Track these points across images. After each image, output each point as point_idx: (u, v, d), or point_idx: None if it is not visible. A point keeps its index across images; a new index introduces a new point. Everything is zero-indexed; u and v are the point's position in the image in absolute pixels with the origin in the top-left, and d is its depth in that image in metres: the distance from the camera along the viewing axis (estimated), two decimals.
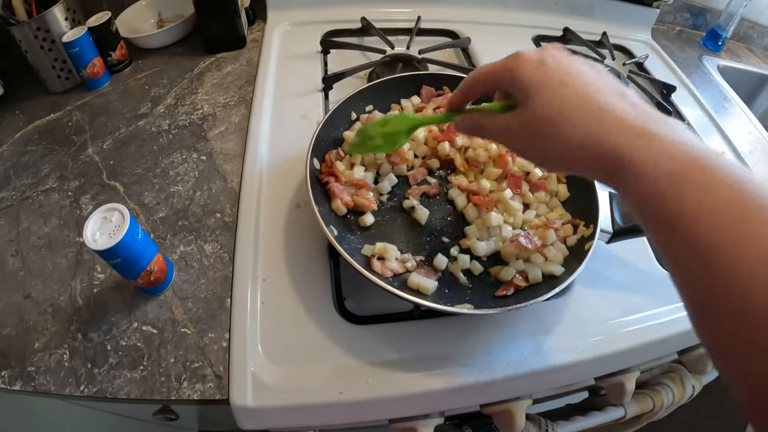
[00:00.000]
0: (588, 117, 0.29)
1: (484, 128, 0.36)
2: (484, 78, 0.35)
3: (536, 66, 0.31)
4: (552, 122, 0.30)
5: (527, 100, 0.31)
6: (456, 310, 0.41)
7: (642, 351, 0.50)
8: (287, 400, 0.41)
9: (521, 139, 0.33)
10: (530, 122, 0.31)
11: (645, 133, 0.27)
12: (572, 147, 0.30)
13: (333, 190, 0.49)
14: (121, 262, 0.42)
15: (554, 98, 0.30)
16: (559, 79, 0.30)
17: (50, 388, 0.43)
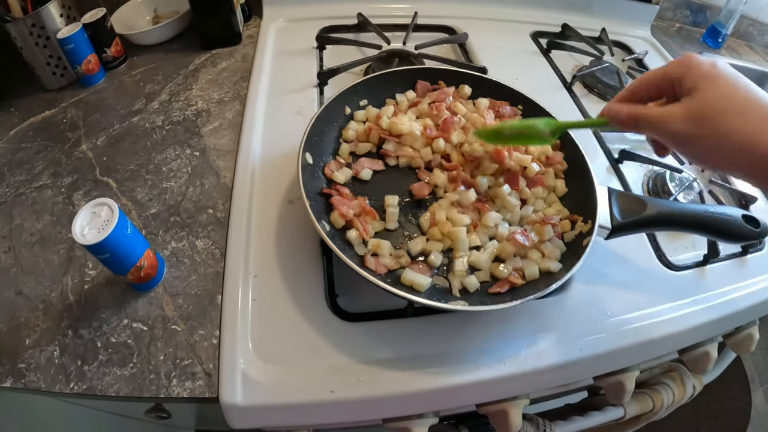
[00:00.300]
0: (760, 115, 0.30)
1: (644, 116, 0.35)
2: (652, 78, 0.36)
3: (710, 64, 0.33)
4: (725, 112, 0.31)
5: (699, 90, 0.32)
6: (449, 306, 0.40)
7: (641, 350, 0.50)
8: (277, 399, 0.40)
9: (685, 127, 0.33)
10: (700, 111, 0.32)
11: None
12: (741, 140, 0.30)
13: (334, 203, 0.48)
14: (110, 257, 0.41)
15: (729, 92, 0.31)
16: (733, 75, 0.32)
17: (40, 386, 0.43)
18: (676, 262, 0.56)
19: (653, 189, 0.64)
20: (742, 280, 0.56)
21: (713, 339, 0.58)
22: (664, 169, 0.65)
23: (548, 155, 0.55)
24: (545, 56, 0.82)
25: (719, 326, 0.55)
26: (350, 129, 0.56)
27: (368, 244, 0.46)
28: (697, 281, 0.55)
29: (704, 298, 0.53)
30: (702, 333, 0.54)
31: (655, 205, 0.47)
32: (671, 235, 0.59)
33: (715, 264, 0.57)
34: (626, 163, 0.66)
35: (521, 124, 0.47)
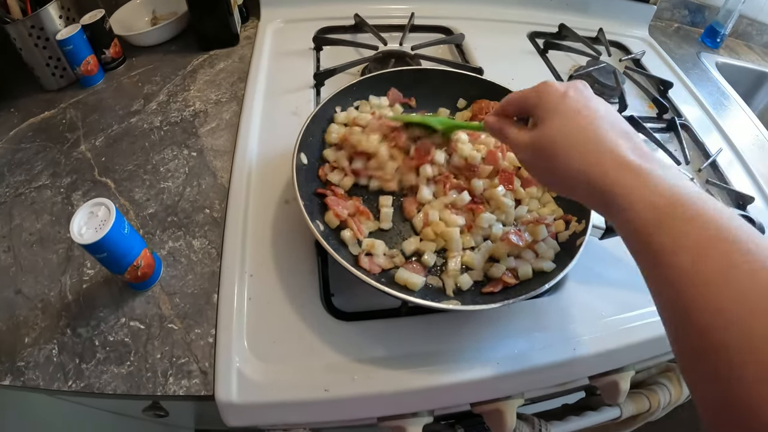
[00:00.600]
0: (590, 148, 0.32)
1: (506, 134, 0.39)
2: (516, 99, 0.39)
3: (559, 95, 0.35)
4: (558, 146, 0.33)
5: (543, 121, 0.35)
6: (443, 306, 0.41)
7: (636, 349, 0.50)
8: (272, 397, 0.41)
9: (529, 154, 0.36)
10: (539, 141, 0.35)
11: (638, 171, 0.30)
12: (571, 173, 0.32)
13: (328, 203, 0.48)
14: (108, 256, 0.42)
15: (565, 125, 0.33)
16: (575, 109, 0.34)
17: (39, 383, 0.43)
18: None
19: None
20: None
21: None
22: None
23: None
24: (542, 56, 0.82)
25: None
26: (332, 132, 0.55)
27: (362, 243, 0.47)
28: None
29: None
30: None
31: None
32: None
33: None
34: None
35: (421, 119, 0.52)
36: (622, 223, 0.30)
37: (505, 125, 0.39)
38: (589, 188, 0.32)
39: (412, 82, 0.61)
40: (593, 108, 0.34)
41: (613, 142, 0.32)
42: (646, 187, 0.29)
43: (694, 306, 0.24)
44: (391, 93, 0.60)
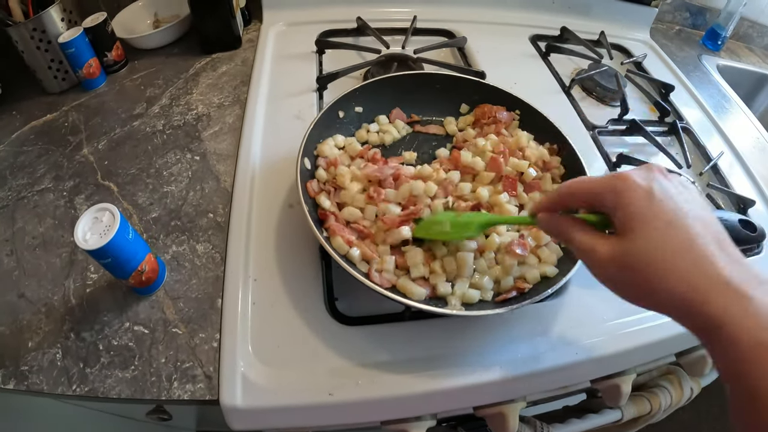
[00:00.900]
0: (690, 267, 0.28)
1: (573, 239, 0.33)
2: (585, 193, 0.33)
3: (645, 197, 0.30)
4: (654, 265, 0.28)
5: (628, 232, 0.30)
6: (446, 311, 0.41)
7: (638, 353, 0.50)
8: (277, 401, 0.41)
9: (613, 270, 0.31)
10: (626, 257, 0.30)
11: (743, 296, 0.27)
12: (667, 295, 0.28)
13: (332, 229, 0.46)
14: (112, 261, 0.42)
15: (659, 239, 0.29)
16: (667, 219, 0.29)
17: (43, 388, 0.43)
18: None
19: None
20: None
21: None
22: None
23: (545, 160, 0.55)
24: (544, 60, 0.82)
25: None
26: (324, 151, 0.53)
27: (374, 262, 0.45)
28: None
29: None
30: None
31: None
32: None
33: None
34: (624, 167, 0.66)
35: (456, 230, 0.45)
36: (723, 355, 0.27)
37: (568, 227, 0.34)
38: (687, 312, 0.28)
39: (414, 86, 0.61)
40: (683, 211, 0.29)
41: (712, 257, 0.28)
42: (755, 320, 0.26)
43: None
44: (394, 113, 0.60)
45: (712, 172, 0.70)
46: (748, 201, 0.65)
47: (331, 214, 0.47)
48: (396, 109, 0.60)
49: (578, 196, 0.34)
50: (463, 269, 0.45)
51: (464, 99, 0.62)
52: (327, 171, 0.52)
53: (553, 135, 0.56)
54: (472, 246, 0.47)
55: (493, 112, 0.58)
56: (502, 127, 0.57)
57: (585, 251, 0.32)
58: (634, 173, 0.31)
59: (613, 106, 0.78)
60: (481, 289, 0.45)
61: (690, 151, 0.71)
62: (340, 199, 0.50)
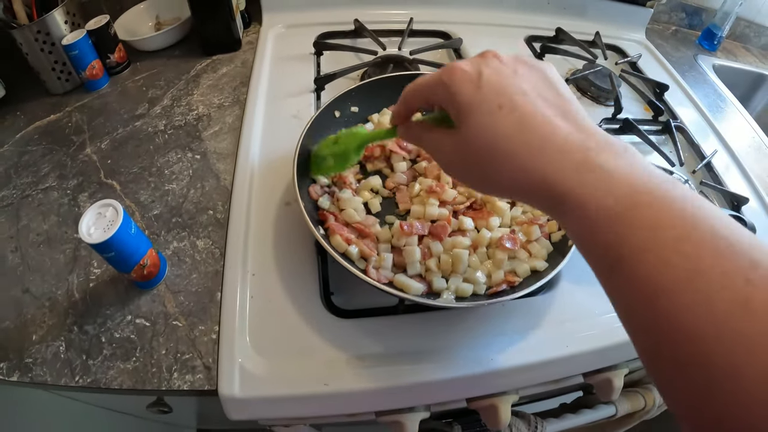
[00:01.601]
0: (525, 147, 0.26)
1: (423, 141, 0.33)
2: (420, 91, 0.32)
3: (472, 83, 0.28)
4: (485, 151, 0.28)
5: (462, 122, 0.29)
6: (438, 303, 0.42)
7: (628, 347, 0.49)
8: (273, 391, 0.42)
9: (453, 161, 0.30)
10: (465, 149, 0.29)
11: (586, 164, 0.25)
12: (507, 178, 0.27)
13: (332, 228, 0.47)
14: (115, 255, 0.43)
15: (489, 125, 0.27)
16: (497, 101, 0.27)
17: (46, 379, 0.44)
18: None
19: None
20: None
21: None
22: None
23: None
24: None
25: None
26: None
27: (372, 259, 0.47)
28: None
29: None
30: None
31: None
32: None
33: None
34: None
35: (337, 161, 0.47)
36: (573, 226, 0.26)
37: (420, 131, 0.33)
38: (531, 194, 0.27)
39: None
40: (516, 92, 0.27)
41: (552, 132, 0.26)
42: (596, 186, 0.24)
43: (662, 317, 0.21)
44: (391, 109, 0.61)
45: (706, 170, 0.71)
46: (742, 198, 0.66)
47: (331, 214, 0.49)
48: (392, 105, 0.61)
49: (416, 94, 0.33)
50: (458, 266, 0.46)
51: None
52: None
53: None
54: (466, 243, 0.48)
55: None
56: None
57: (434, 150, 0.32)
58: (463, 61, 0.30)
59: (608, 106, 0.79)
60: (474, 283, 0.46)
61: (683, 150, 0.72)
62: (340, 206, 0.51)
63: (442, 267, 0.47)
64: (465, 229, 0.50)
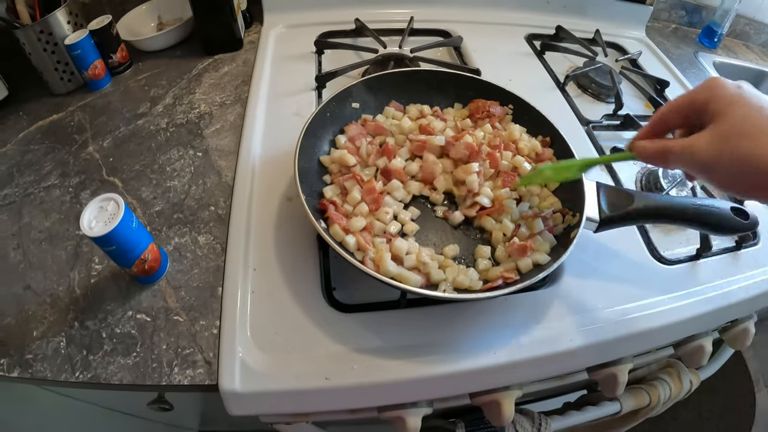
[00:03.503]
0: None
1: (671, 148, 0.36)
2: (678, 105, 0.36)
3: (735, 87, 0.33)
4: (750, 134, 0.31)
5: (724, 114, 0.32)
6: (440, 294, 0.42)
7: (632, 341, 0.50)
8: (274, 386, 0.42)
9: (709, 154, 0.33)
10: (722, 135, 0.32)
11: None
12: (762, 163, 0.30)
13: (332, 218, 0.47)
14: (116, 249, 0.43)
15: (750, 112, 0.31)
16: (757, 101, 0.32)
17: (47, 375, 0.44)
18: (669, 257, 0.57)
19: (646, 186, 0.65)
20: (736, 274, 0.57)
21: (707, 332, 0.59)
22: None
23: (538, 152, 0.56)
24: (539, 58, 0.84)
25: (712, 319, 0.55)
26: (332, 162, 0.55)
27: (369, 251, 0.46)
28: (690, 275, 0.56)
29: (697, 291, 0.54)
30: (695, 325, 0.54)
31: (643, 199, 0.48)
32: (664, 231, 0.60)
33: (709, 258, 0.58)
34: None
35: (557, 173, 0.49)
36: None
37: (664, 142, 0.36)
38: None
39: (410, 83, 0.62)
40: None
41: None
42: None
43: None
44: (392, 105, 0.62)
45: None
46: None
47: (331, 203, 0.48)
48: (392, 102, 0.62)
49: (675, 108, 0.36)
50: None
51: (459, 95, 0.63)
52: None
53: (546, 128, 0.58)
54: None
55: (487, 107, 0.59)
56: (496, 120, 0.59)
57: (684, 151, 0.34)
58: (724, 78, 0.34)
59: (609, 103, 0.79)
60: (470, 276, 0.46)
61: None
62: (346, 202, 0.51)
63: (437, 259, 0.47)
64: None
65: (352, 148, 0.55)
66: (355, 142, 0.56)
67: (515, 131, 0.57)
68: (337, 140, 0.57)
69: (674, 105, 0.37)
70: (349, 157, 0.53)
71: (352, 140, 0.56)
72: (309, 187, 0.50)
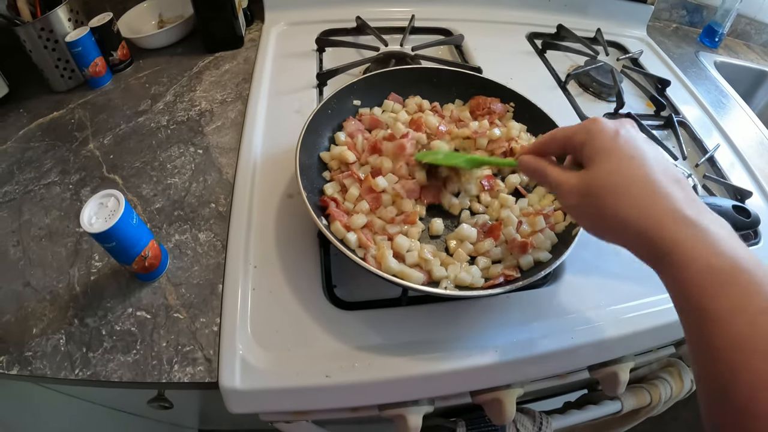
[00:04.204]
0: (645, 195, 0.30)
1: (547, 174, 0.37)
2: (560, 137, 0.37)
3: (612, 135, 0.33)
4: (611, 191, 0.31)
5: (594, 163, 0.33)
6: (442, 291, 0.42)
7: (634, 339, 0.50)
8: (275, 383, 0.42)
9: (576, 198, 0.34)
10: (590, 184, 0.32)
11: (695, 224, 0.28)
12: (622, 220, 0.30)
13: (333, 215, 0.47)
14: (116, 246, 0.43)
15: (620, 168, 0.31)
16: (629, 153, 0.32)
17: (46, 372, 0.44)
18: None
19: None
20: None
21: None
22: None
23: None
24: (540, 57, 0.83)
25: None
26: (332, 158, 0.54)
27: (370, 249, 0.46)
28: None
29: None
30: None
31: None
32: None
33: None
34: None
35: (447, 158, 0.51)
36: (673, 280, 0.28)
37: (545, 165, 0.37)
38: (640, 239, 0.30)
39: (411, 80, 0.62)
40: (644, 151, 0.32)
41: (667, 190, 0.30)
42: (704, 247, 0.27)
43: (740, 375, 0.24)
44: (391, 97, 0.62)
45: (709, 164, 0.71)
46: (745, 192, 0.65)
47: (332, 200, 0.48)
48: (392, 94, 0.61)
49: (555, 138, 0.37)
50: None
51: (460, 92, 0.63)
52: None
53: (547, 126, 0.57)
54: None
55: (488, 104, 0.59)
56: (496, 118, 0.58)
57: (556, 184, 0.36)
58: (605, 119, 0.35)
59: (610, 102, 0.78)
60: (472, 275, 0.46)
61: (686, 144, 0.71)
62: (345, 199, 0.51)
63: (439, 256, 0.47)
64: None
65: (352, 143, 0.55)
66: (353, 137, 0.56)
67: (514, 129, 0.57)
68: (336, 137, 0.56)
69: (554, 136, 0.37)
70: (349, 153, 0.53)
71: (351, 136, 0.56)
72: (310, 184, 0.50)
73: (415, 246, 0.47)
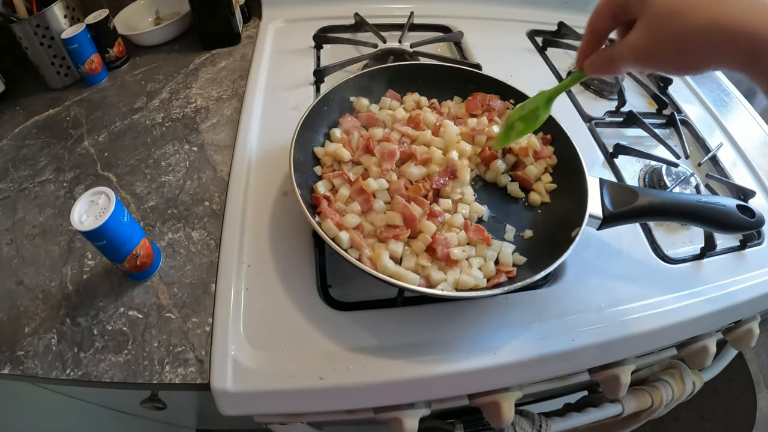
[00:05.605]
0: (721, 3, 0.29)
1: (616, 56, 0.35)
2: (601, 7, 0.36)
3: None
4: (676, 12, 0.30)
5: (648, 4, 0.32)
6: (438, 292, 0.41)
7: (635, 341, 0.49)
8: (267, 385, 0.41)
9: (649, 44, 0.32)
10: (655, 22, 0.32)
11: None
12: (699, 33, 0.29)
13: (324, 213, 0.46)
14: (107, 244, 0.42)
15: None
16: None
17: (38, 372, 0.43)
18: (673, 256, 0.56)
19: (649, 183, 0.64)
20: (741, 273, 0.56)
21: (711, 333, 0.58)
22: (661, 163, 0.64)
23: (536, 149, 0.55)
24: (541, 54, 0.82)
25: (717, 319, 0.54)
26: (326, 154, 0.53)
27: (364, 249, 0.45)
28: (694, 274, 0.54)
29: (701, 291, 0.53)
30: (699, 326, 0.53)
31: (647, 195, 0.47)
32: (669, 229, 0.59)
33: (713, 257, 0.56)
34: (621, 157, 0.66)
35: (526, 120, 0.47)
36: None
37: (608, 51, 0.36)
38: (725, 44, 0.29)
39: (409, 77, 0.61)
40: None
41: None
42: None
43: None
44: (389, 94, 0.61)
45: (711, 163, 0.70)
46: (748, 191, 0.64)
47: (324, 198, 0.47)
48: (389, 91, 0.61)
49: (600, 12, 0.36)
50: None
51: (458, 89, 0.62)
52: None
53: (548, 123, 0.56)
54: None
55: (487, 101, 0.58)
56: (495, 115, 0.58)
57: (625, 49, 0.34)
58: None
59: (611, 100, 0.77)
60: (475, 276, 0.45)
61: (689, 143, 0.70)
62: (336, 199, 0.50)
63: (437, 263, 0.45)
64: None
65: (347, 140, 0.54)
66: (349, 134, 0.55)
67: None
68: (332, 133, 0.55)
69: (597, 11, 0.36)
70: (344, 151, 0.52)
71: (347, 132, 0.55)
72: (305, 182, 0.49)
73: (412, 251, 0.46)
